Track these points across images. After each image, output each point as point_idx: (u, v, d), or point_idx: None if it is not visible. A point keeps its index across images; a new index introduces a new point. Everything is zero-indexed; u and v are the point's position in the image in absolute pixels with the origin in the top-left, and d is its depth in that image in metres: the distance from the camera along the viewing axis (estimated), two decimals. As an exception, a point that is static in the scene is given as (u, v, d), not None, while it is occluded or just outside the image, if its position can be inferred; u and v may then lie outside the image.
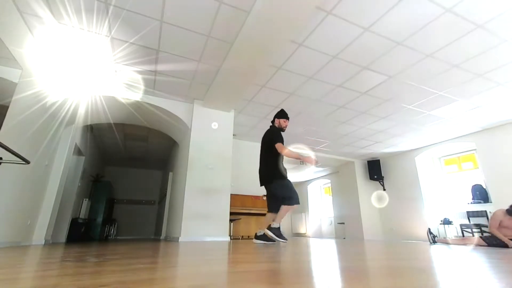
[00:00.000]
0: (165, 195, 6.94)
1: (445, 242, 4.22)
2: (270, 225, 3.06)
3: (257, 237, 3.18)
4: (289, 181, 3.19)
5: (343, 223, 8.51)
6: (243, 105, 4.98)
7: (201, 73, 3.95)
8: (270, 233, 3.00)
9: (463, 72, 3.80)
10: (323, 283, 0.79)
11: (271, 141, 3.18)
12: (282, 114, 3.43)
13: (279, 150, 3.11)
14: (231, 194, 4.70)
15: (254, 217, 5.73)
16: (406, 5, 2.72)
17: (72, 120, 4.52)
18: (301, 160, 3.16)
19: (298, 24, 2.88)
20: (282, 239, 3.02)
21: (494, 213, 3.79)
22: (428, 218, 6.65)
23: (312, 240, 5.78)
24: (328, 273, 1.01)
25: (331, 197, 9.97)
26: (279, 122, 3.39)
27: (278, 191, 3.15)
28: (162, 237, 6.54)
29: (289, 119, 3.49)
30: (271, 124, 3.51)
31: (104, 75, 3.96)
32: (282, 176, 3.16)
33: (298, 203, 3.13)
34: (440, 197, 6.86)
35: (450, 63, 3.61)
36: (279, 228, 3.05)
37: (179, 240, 3.99)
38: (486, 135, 5.78)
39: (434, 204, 6.79)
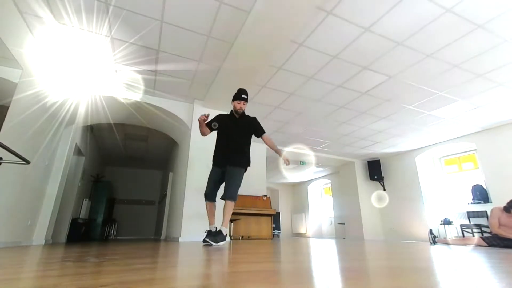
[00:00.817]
0: (165, 195, 6.94)
1: (445, 242, 4.22)
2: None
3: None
4: (212, 170, 3.01)
5: (343, 223, 8.51)
6: (243, 105, 4.97)
7: (201, 73, 3.95)
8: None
9: (463, 72, 3.79)
10: (323, 283, 0.79)
11: None
12: (233, 96, 3.05)
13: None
14: (231, 194, 4.69)
15: (254, 217, 5.73)
16: (406, 5, 2.72)
17: (72, 120, 4.52)
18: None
19: (298, 24, 2.88)
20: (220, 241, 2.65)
21: (491, 212, 3.80)
22: (428, 218, 6.65)
23: (312, 240, 5.78)
24: (328, 273, 1.01)
25: (331, 197, 9.97)
26: (233, 104, 3.03)
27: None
28: (162, 237, 6.53)
29: (247, 100, 3.01)
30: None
31: (104, 75, 3.96)
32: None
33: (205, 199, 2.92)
34: (440, 197, 6.85)
35: (450, 63, 3.61)
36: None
37: (179, 240, 3.99)
38: (486, 135, 5.77)
39: (434, 204, 6.79)
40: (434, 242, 4.05)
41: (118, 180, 9.14)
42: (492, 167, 5.61)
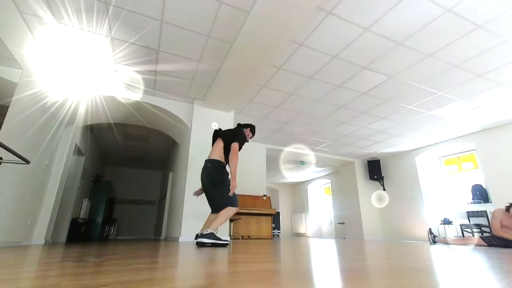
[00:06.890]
0: (165, 195, 6.94)
1: (445, 242, 4.22)
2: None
3: (203, 236, 2.63)
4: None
5: (343, 223, 8.51)
6: (243, 105, 4.98)
7: (201, 73, 3.95)
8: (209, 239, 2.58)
9: (463, 72, 3.79)
10: (323, 283, 0.79)
11: (232, 139, 2.96)
12: (253, 129, 3.30)
13: (234, 150, 2.87)
14: (231, 194, 4.68)
15: (254, 217, 5.74)
16: (406, 5, 2.72)
17: (72, 120, 4.52)
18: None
19: (298, 24, 2.87)
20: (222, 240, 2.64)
21: (493, 214, 3.79)
22: (428, 218, 6.65)
23: (312, 240, 5.78)
24: (328, 273, 1.01)
25: (331, 197, 9.98)
26: (248, 132, 3.24)
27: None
28: (162, 237, 6.54)
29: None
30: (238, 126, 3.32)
31: (104, 75, 3.96)
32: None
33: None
34: (440, 197, 6.86)
35: (450, 63, 3.61)
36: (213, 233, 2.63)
37: (179, 240, 3.99)
38: (486, 135, 5.78)
39: (434, 204, 6.79)
40: (434, 242, 4.05)
41: (118, 180, 9.14)
42: (492, 167, 5.61)
